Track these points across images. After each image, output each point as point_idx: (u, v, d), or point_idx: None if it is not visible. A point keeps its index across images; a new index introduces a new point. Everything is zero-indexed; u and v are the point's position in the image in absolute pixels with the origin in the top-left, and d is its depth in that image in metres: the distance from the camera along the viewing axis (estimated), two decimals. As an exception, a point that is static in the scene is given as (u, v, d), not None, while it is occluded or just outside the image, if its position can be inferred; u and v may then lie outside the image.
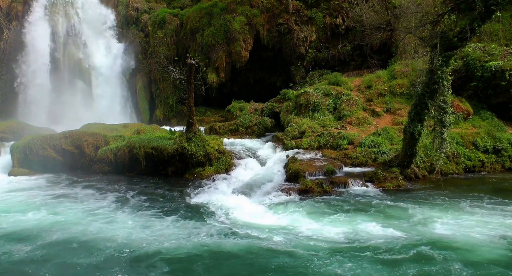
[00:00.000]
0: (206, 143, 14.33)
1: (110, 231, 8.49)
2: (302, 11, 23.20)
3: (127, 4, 26.54)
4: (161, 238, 8.03)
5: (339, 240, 7.88)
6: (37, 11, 24.05)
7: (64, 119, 22.02)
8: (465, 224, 8.64)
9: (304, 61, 23.43)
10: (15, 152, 15.25)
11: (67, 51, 24.38)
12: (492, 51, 16.34)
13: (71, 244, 7.82)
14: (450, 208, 9.73)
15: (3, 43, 23.71)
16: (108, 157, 14.95)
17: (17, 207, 10.45)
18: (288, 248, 7.50)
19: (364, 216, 9.21)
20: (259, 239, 7.96)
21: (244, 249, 7.49)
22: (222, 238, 8.06)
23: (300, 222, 8.96)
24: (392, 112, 16.93)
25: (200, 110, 24.22)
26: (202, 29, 23.70)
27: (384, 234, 8.12)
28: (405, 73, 17.89)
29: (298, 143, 15.32)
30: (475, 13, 9.98)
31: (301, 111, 17.57)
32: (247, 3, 23.46)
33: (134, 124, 19.49)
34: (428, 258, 6.97)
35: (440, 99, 10.91)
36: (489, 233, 8.05)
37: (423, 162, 13.25)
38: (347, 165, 13.62)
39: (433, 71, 10.84)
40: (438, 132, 11.03)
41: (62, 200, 11.16)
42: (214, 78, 23.33)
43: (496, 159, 14.11)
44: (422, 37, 11.68)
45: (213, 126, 19.45)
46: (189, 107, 14.57)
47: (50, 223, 9.08)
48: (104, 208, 10.34)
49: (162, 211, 10.00)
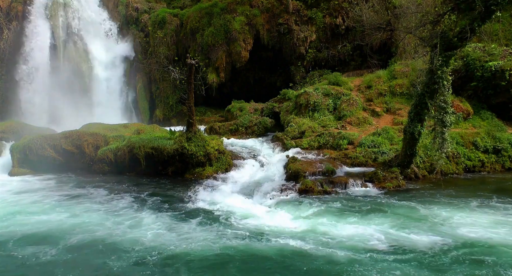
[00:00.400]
0: (206, 143, 14.32)
1: (133, 233, 8.47)
2: (302, 11, 23.21)
3: (127, 4, 26.55)
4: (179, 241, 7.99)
5: (368, 243, 7.61)
6: (37, 11, 24.06)
7: (64, 119, 22.04)
8: (484, 224, 8.47)
9: (304, 61, 23.43)
10: (15, 152, 15.26)
11: (67, 51, 24.38)
12: (492, 51, 16.34)
13: (97, 246, 7.78)
14: (460, 208, 9.61)
15: (3, 43, 23.71)
16: (108, 157, 14.95)
17: (33, 208, 10.40)
18: (289, 248, 7.50)
19: (379, 217, 9.13)
20: (259, 239, 7.96)
21: (244, 248, 7.50)
22: (222, 238, 8.06)
23: (301, 221, 8.96)
24: (392, 112, 16.93)
25: (200, 110, 24.24)
26: (202, 29, 23.70)
27: (406, 235, 7.96)
28: (405, 73, 17.89)
29: (298, 143, 15.32)
30: (475, 13, 9.98)
31: (301, 111, 17.57)
32: (247, 3, 23.47)
33: (134, 124, 19.50)
34: (471, 260, 6.75)
35: (440, 99, 10.90)
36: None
37: (423, 162, 13.24)
38: (347, 165, 13.61)
39: (433, 71, 10.83)
40: (438, 132, 11.02)
41: (77, 200, 11.14)
42: (214, 78, 23.33)
43: (496, 159, 14.11)
44: (422, 37, 11.68)
45: (213, 126, 19.45)
46: (189, 107, 14.56)
47: (71, 225, 9.04)
48: (126, 209, 10.32)
49: (168, 212, 10.01)
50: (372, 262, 6.79)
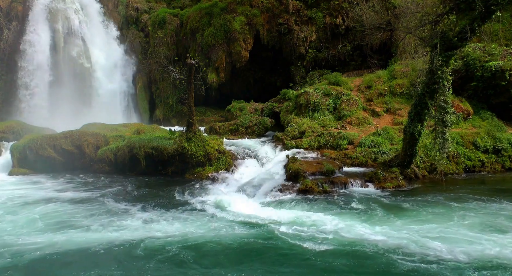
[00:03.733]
0: (206, 142, 14.33)
1: (133, 233, 8.47)
2: (302, 11, 23.20)
3: (127, 4, 26.57)
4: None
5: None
6: (37, 11, 24.06)
7: (64, 119, 22.03)
8: (484, 224, 8.38)
9: (304, 61, 23.43)
10: (15, 152, 15.27)
11: (67, 51, 24.37)
12: (492, 51, 16.35)
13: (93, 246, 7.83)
14: (460, 208, 9.55)
15: (3, 43, 23.70)
16: (108, 157, 14.95)
17: (32, 208, 10.40)
18: (289, 247, 7.51)
19: (379, 217, 9.12)
20: (259, 239, 7.97)
21: (244, 249, 7.52)
22: (221, 238, 8.07)
23: (301, 221, 8.96)
24: (392, 112, 16.94)
25: (200, 110, 24.23)
26: (202, 29, 23.71)
27: (407, 236, 7.87)
28: (405, 73, 17.89)
29: (298, 143, 15.32)
30: (475, 13, 9.97)
31: (301, 111, 17.57)
32: (247, 3, 23.47)
33: (134, 124, 19.51)
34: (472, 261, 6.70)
35: (440, 99, 10.90)
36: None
37: (423, 162, 13.25)
38: (347, 165, 13.62)
39: (433, 71, 10.83)
40: (439, 132, 11.01)
41: (77, 200, 11.12)
42: (214, 78, 23.33)
43: (496, 159, 14.11)
44: (422, 37, 11.67)
45: (213, 126, 19.45)
46: (189, 107, 14.57)
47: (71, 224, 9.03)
48: (126, 209, 10.24)
49: (168, 211, 10.03)
50: (372, 262, 6.80)
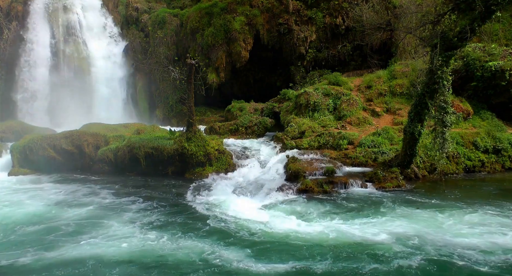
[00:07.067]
0: (206, 142, 14.34)
1: (132, 232, 8.46)
2: (302, 11, 23.19)
3: (127, 4, 26.56)
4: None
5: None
6: (37, 11, 24.07)
7: (64, 119, 22.06)
8: (484, 225, 8.34)
9: (304, 61, 23.42)
10: (15, 152, 15.27)
11: (67, 51, 24.39)
12: (492, 51, 16.34)
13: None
14: (460, 208, 9.52)
15: (3, 43, 23.70)
16: (108, 157, 14.95)
17: (31, 207, 10.41)
18: (289, 247, 7.51)
19: (379, 217, 9.09)
20: (259, 238, 7.97)
21: (244, 248, 7.51)
22: (222, 239, 8.07)
23: (301, 221, 8.96)
24: (392, 112, 16.93)
25: (200, 110, 24.21)
26: (202, 29, 23.70)
27: (408, 236, 7.87)
28: (405, 73, 17.89)
29: (298, 143, 15.32)
30: (475, 13, 9.97)
31: (301, 111, 17.56)
32: (247, 3, 23.45)
33: (134, 124, 19.50)
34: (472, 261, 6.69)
35: (440, 99, 10.89)
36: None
37: (423, 162, 13.24)
38: (347, 165, 13.61)
39: (433, 71, 10.83)
40: (439, 132, 11.01)
41: (77, 200, 11.12)
42: (214, 78, 23.32)
43: (496, 159, 14.11)
44: (422, 37, 11.67)
45: (213, 126, 19.44)
46: (189, 107, 14.58)
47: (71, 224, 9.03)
48: (125, 208, 10.24)
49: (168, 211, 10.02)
50: (372, 262, 6.80)
